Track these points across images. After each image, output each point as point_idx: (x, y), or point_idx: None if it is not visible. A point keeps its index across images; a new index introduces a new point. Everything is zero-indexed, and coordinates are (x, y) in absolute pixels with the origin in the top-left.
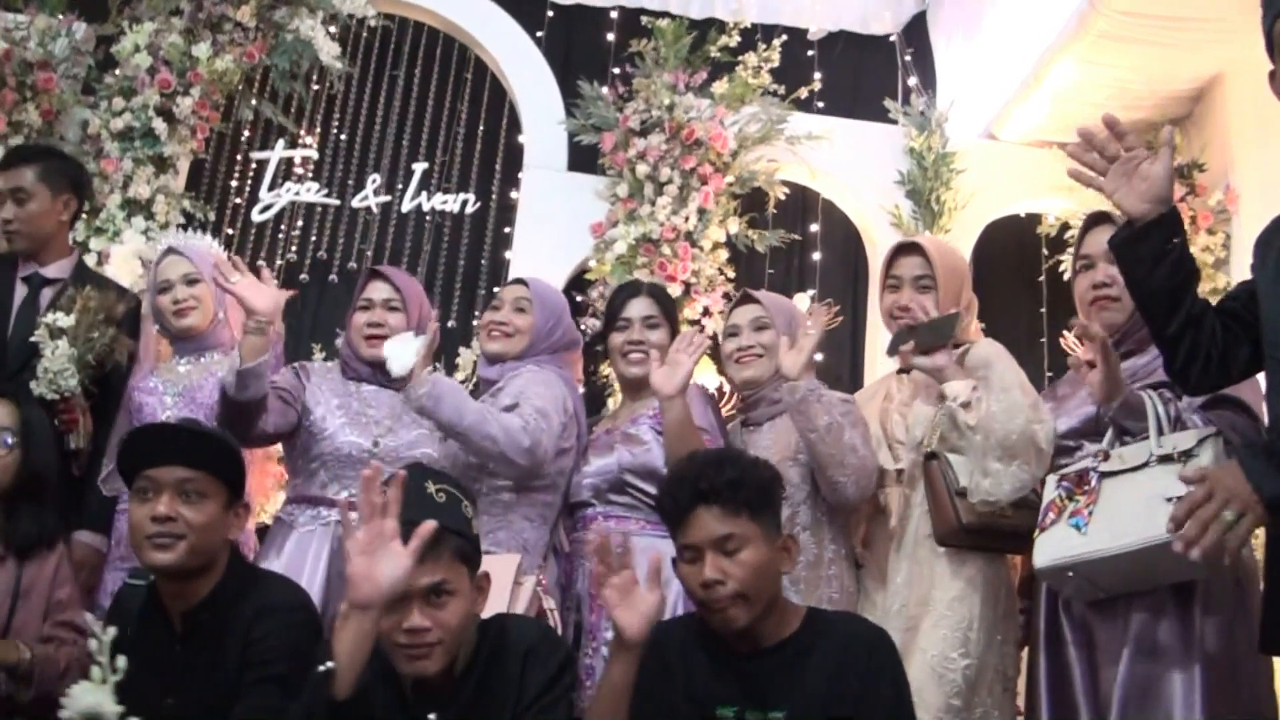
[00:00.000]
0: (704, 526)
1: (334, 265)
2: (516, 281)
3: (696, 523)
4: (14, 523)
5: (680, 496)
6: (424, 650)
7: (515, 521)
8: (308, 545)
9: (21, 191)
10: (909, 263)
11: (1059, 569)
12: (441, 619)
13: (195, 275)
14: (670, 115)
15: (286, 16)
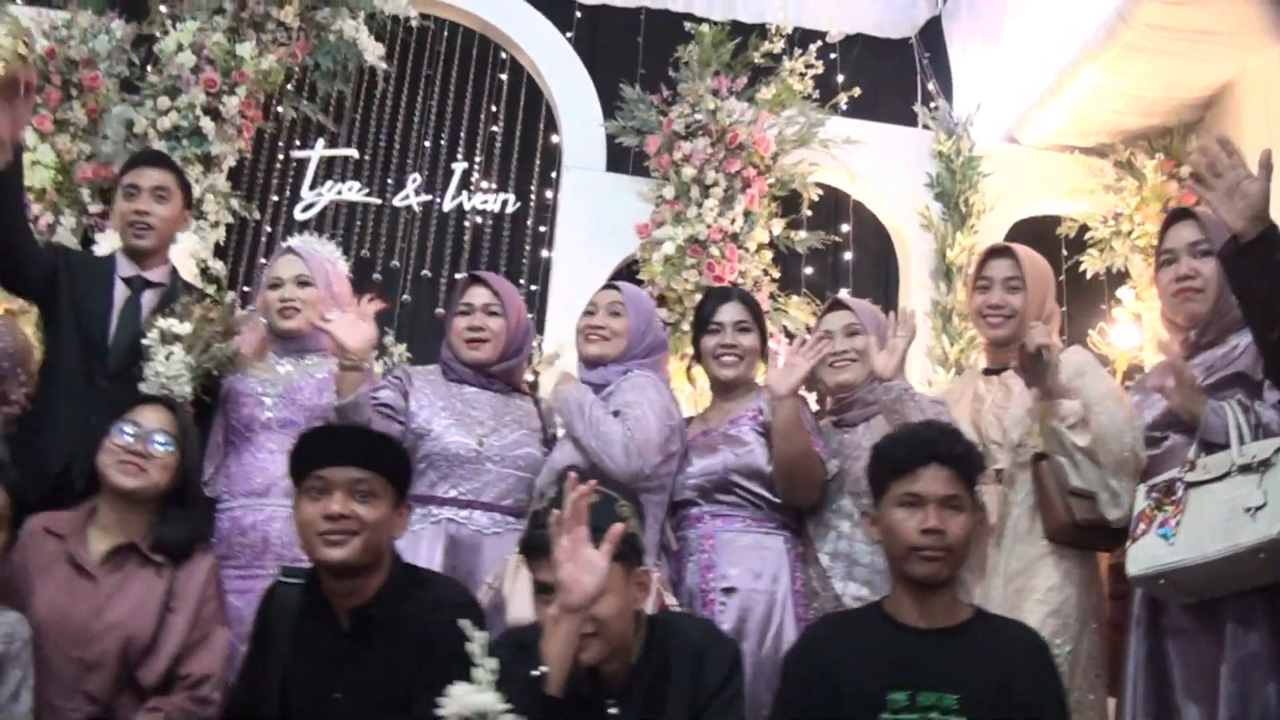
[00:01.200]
0: (935, 481)
1: (376, 264)
2: (609, 286)
3: (927, 475)
4: (167, 527)
5: (916, 449)
6: (582, 643)
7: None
8: (418, 542)
9: (164, 190)
10: (1000, 265)
11: (1150, 577)
12: (595, 612)
13: (307, 278)
14: (714, 119)
15: (329, 16)
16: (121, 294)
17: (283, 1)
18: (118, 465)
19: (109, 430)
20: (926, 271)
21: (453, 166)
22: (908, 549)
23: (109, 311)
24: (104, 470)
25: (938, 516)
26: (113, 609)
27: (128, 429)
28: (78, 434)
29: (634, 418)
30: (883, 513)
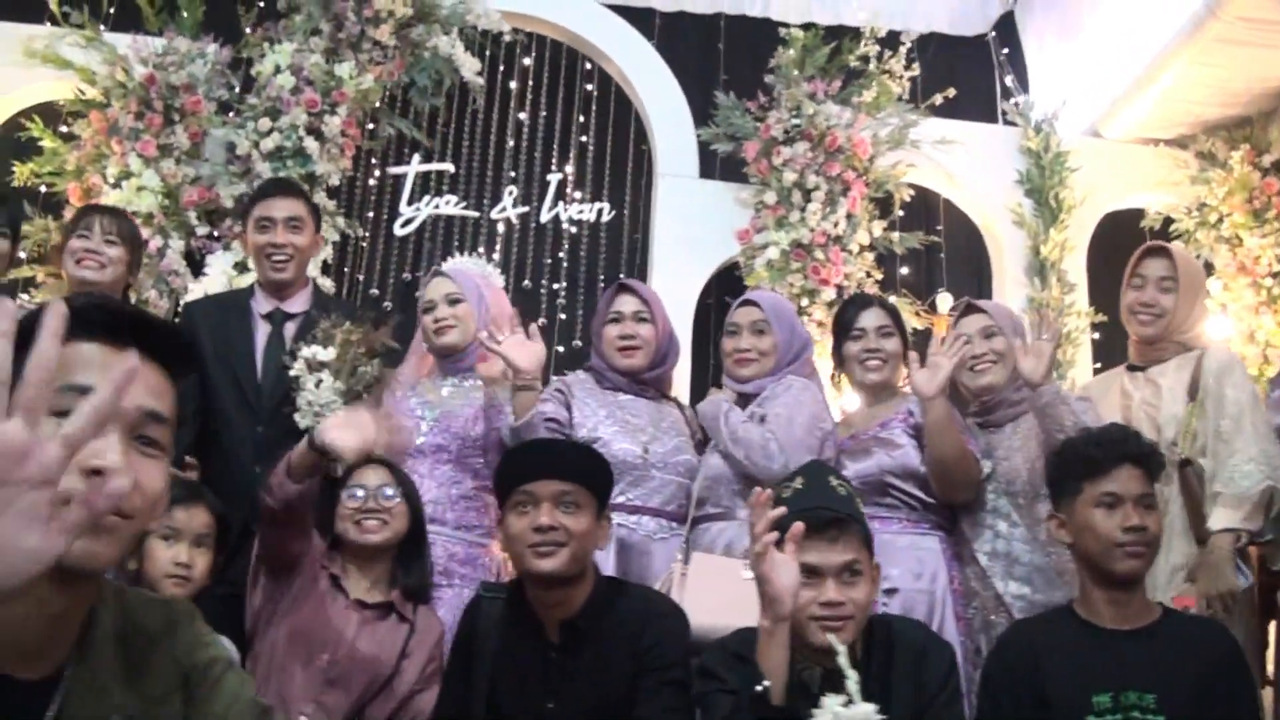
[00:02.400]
0: (1130, 480)
1: None
2: (746, 303)
3: (1122, 475)
4: (409, 575)
5: (1110, 449)
6: (841, 623)
7: None
8: None
9: (297, 220)
10: (1156, 264)
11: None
12: (853, 595)
13: (458, 295)
14: (813, 124)
15: (424, 34)
16: (263, 331)
17: (379, 21)
18: (357, 526)
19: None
20: (1020, 268)
21: (548, 178)
22: (1111, 546)
23: (254, 350)
24: (346, 533)
25: (1138, 514)
26: (363, 643)
27: (358, 492)
28: (245, 481)
29: (774, 416)
30: (1075, 513)
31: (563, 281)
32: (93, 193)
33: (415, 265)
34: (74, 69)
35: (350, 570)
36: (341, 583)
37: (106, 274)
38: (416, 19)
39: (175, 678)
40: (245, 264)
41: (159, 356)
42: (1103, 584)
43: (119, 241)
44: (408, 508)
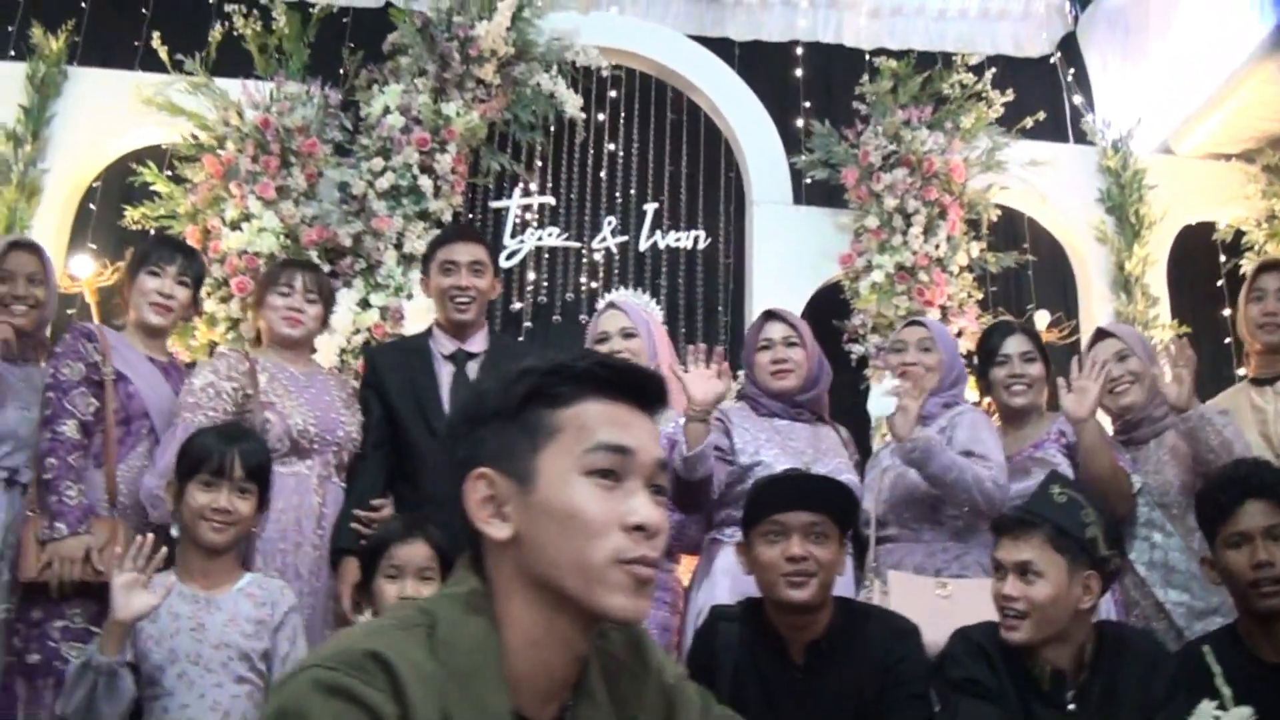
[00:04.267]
0: (1255, 514)
1: (581, 306)
2: (914, 323)
3: (1247, 512)
4: None
5: (1229, 489)
6: (1014, 622)
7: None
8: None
9: (479, 264)
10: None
11: None
12: (1029, 593)
13: (631, 329)
14: (910, 150)
15: (526, 72)
16: (447, 371)
17: (483, 60)
18: None
19: None
20: (1105, 284)
21: (644, 207)
22: (1245, 586)
23: (439, 390)
24: None
25: (1265, 549)
26: None
27: None
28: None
29: (984, 454)
30: (1218, 557)
31: (663, 307)
32: (211, 235)
33: (521, 295)
34: (186, 115)
35: None
36: None
37: (302, 330)
38: (517, 57)
39: (662, 703)
40: (367, 300)
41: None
42: (1254, 620)
43: (319, 299)
44: None
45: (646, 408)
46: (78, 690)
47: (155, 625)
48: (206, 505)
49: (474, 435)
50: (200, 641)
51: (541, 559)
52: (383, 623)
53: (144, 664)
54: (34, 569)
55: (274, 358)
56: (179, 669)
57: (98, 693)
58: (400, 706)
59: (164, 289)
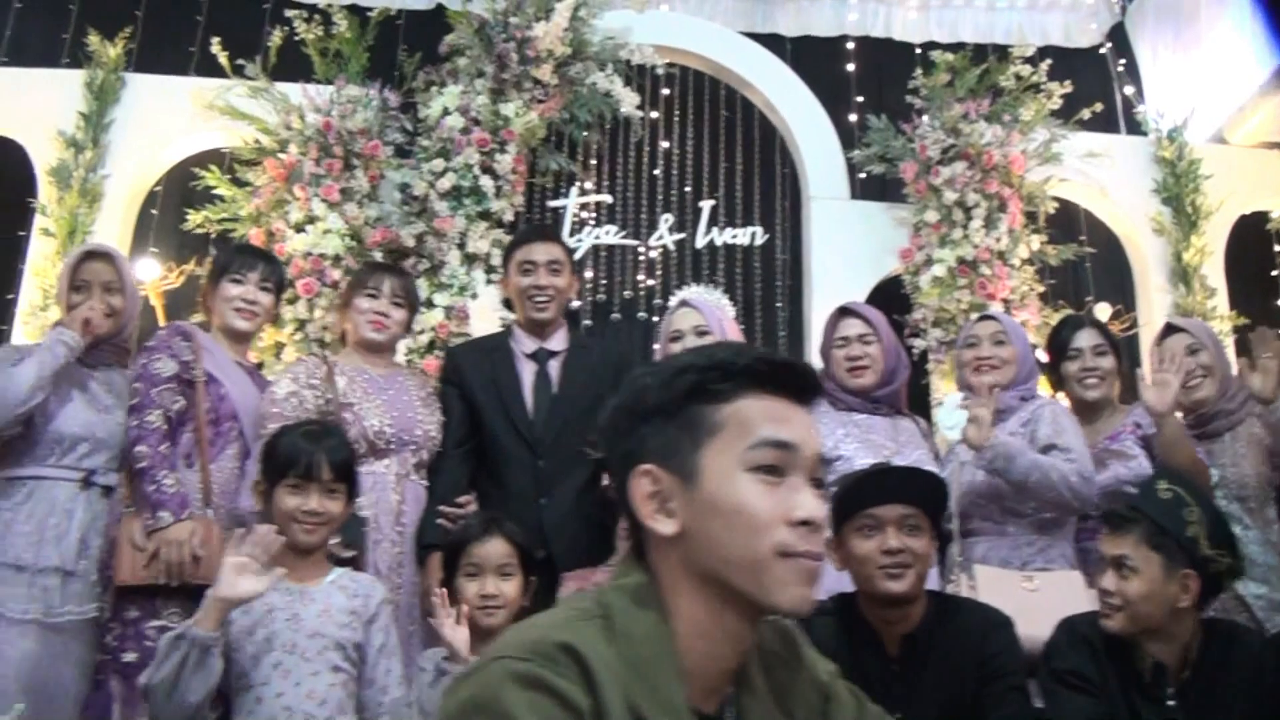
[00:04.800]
0: None
1: (639, 303)
2: (986, 317)
3: None
4: None
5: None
6: (1110, 613)
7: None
8: None
9: (557, 263)
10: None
11: None
12: (1123, 588)
13: (705, 328)
14: (969, 143)
15: (582, 72)
16: (529, 369)
17: (540, 60)
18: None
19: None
20: (1163, 275)
21: (700, 204)
22: None
23: (521, 389)
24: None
25: None
26: None
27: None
28: (531, 514)
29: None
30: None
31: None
32: (276, 237)
33: (579, 293)
34: (249, 119)
35: None
36: None
37: (387, 335)
38: (573, 57)
39: (818, 699)
40: (431, 300)
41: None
42: None
43: (404, 303)
44: None
45: (804, 401)
46: (168, 661)
47: (248, 616)
48: (297, 508)
49: (635, 432)
50: (296, 631)
51: (709, 554)
52: (563, 614)
53: (236, 655)
54: (129, 571)
55: (355, 360)
56: (275, 658)
57: (187, 666)
58: (592, 698)
59: (247, 295)
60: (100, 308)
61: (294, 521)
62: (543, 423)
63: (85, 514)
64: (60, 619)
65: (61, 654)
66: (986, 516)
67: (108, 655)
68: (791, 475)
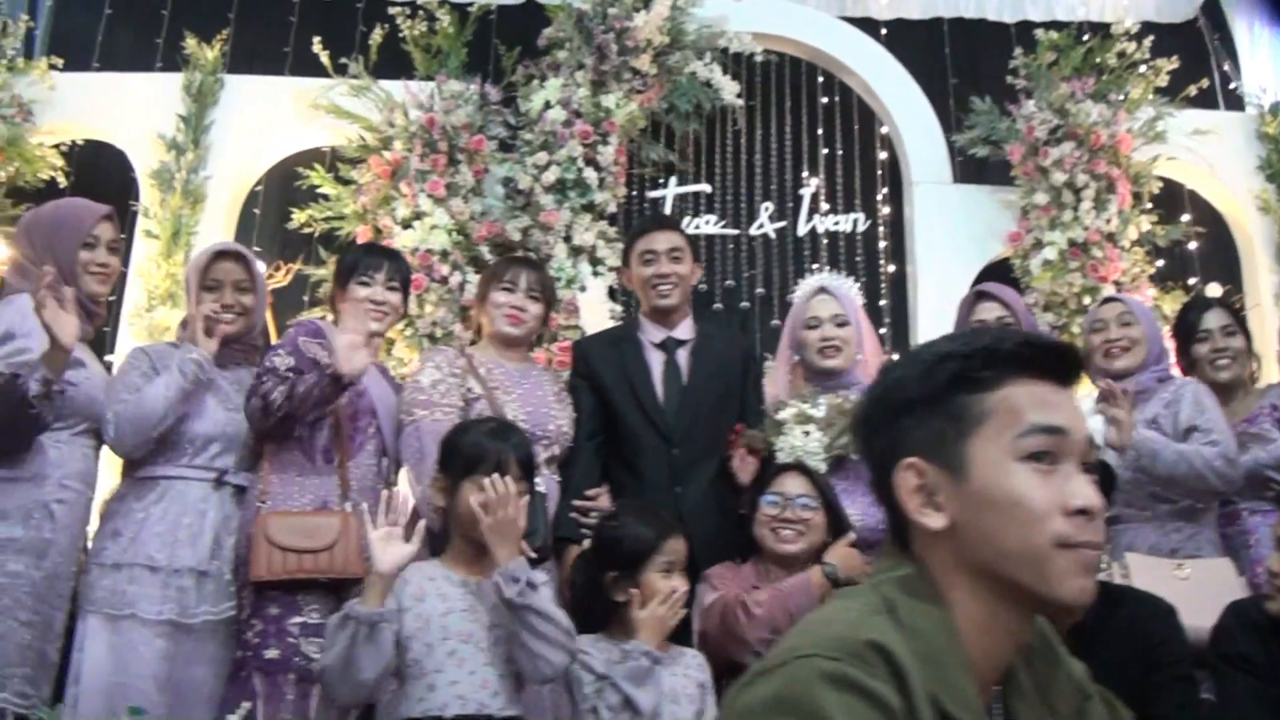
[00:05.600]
0: None
1: (742, 293)
2: (1110, 299)
3: None
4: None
5: None
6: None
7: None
8: None
9: (678, 251)
10: None
11: None
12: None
13: (845, 318)
14: (1077, 123)
15: (681, 61)
16: (658, 359)
17: (639, 50)
18: (772, 534)
19: (758, 503)
20: (1269, 255)
21: (800, 192)
22: None
23: (651, 379)
24: (762, 539)
25: None
26: None
27: (774, 498)
28: (667, 504)
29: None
30: None
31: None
32: (383, 234)
33: None
34: (353, 117)
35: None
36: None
37: (524, 329)
38: (672, 46)
39: (1077, 697)
40: None
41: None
42: None
43: (541, 297)
44: (827, 518)
45: (1067, 384)
46: (338, 641)
47: (423, 604)
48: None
49: (895, 425)
50: (474, 622)
51: (984, 548)
52: (853, 607)
53: (410, 643)
54: (265, 567)
55: (491, 353)
56: (450, 646)
57: (357, 644)
58: (903, 697)
59: (376, 296)
60: (220, 307)
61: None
62: (674, 412)
63: (218, 514)
64: (195, 620)
65: (196, 654)
66: (1130, 503)
67: (249, 652)
68: (1063, 462)
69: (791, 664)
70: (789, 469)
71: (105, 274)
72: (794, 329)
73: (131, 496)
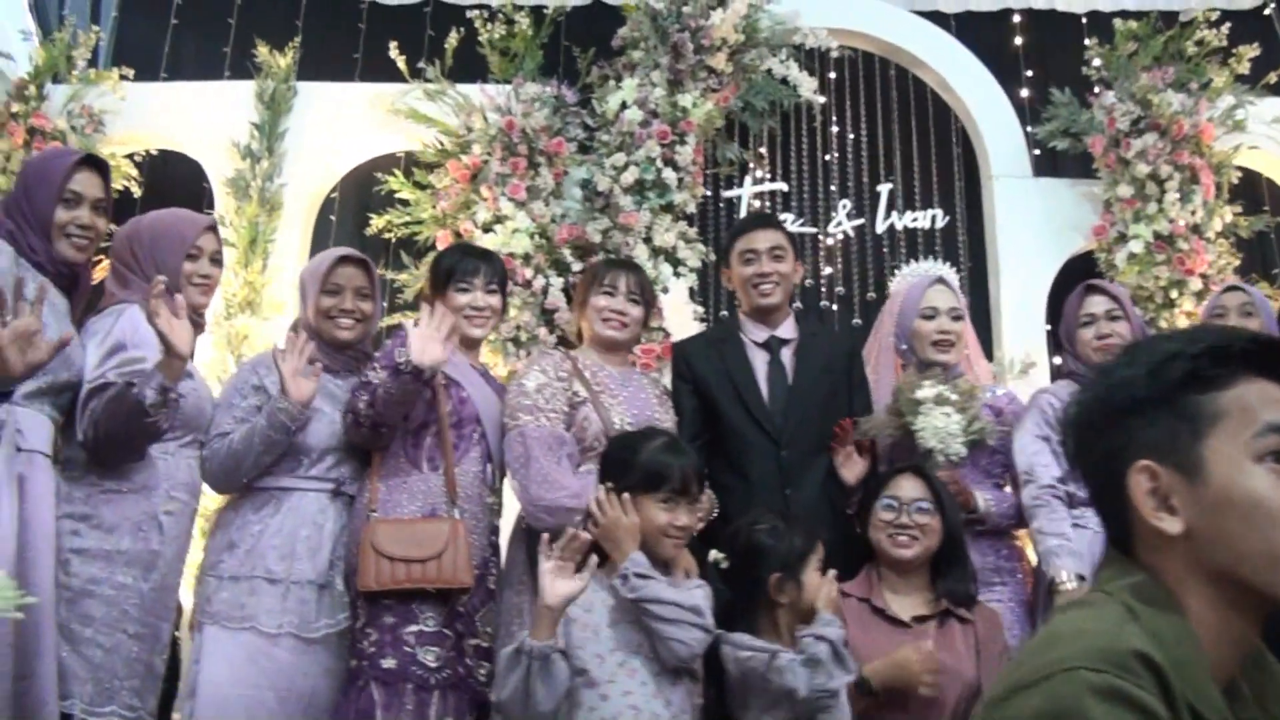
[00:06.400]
0: None
1: (820, 291)
2: (1233, 288)
3: None
4: (953, 582)
5: None
6: None
7: None
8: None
9: (779, 249)
10: None
11: None
12: None
13: (960, 311)
14: (1159, 113)
15: (756, 58)
16: (761, 358)
17: (714, 49)
18: (889, 540)
19: (870, 506)
20: None
21: (878, 189)
22: None
23: (756, 379)
24: (878, 544)
25: None
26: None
27: (889, 502)
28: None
29: None
30: None
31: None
32: (463, 238)
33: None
34: (432, 122)
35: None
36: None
37: (626, 333)
38: (748, 44)
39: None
40: None
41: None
42: None
43: (641, 300)
44: (942, 521)
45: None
46: (511, 676)
47: (591, 614)
48: (669, 523)
49: (1120, 426)
50: (642, 632)
51: (1223, 551)
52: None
53: (579, 653)
54: (373, 577)
55: (594, 356)
56: (620, 657)
57: (532, 677)
58: (1169, 707)
59: (476, 301)
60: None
61: (665, 536)
62: (781, 412)
63: (335, 525)
64: (316, 633)
65: (314, 665)
66: None
67: (364, 662)
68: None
69: (1055, 677)
70: (903, 471)
71: (208, 285)
72: (905, 318)
73: (248, 508)
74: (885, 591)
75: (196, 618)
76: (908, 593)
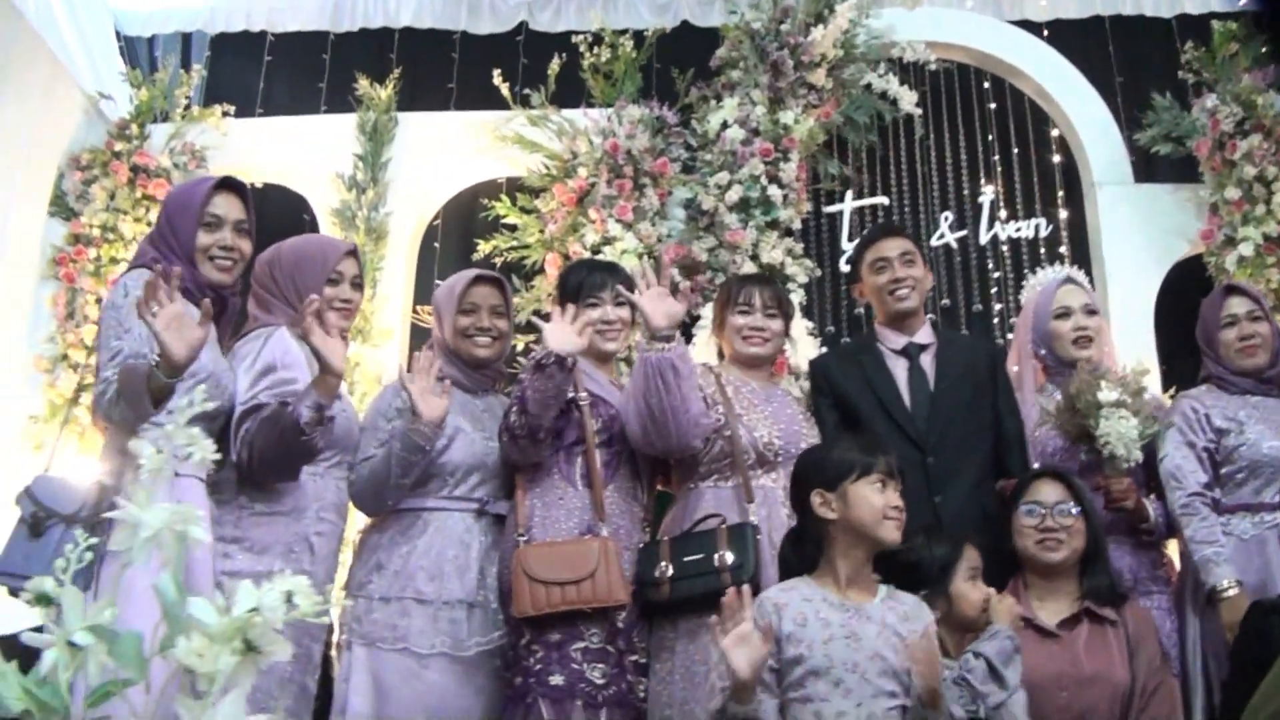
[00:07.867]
0: None
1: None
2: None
3: None
4: (1097, 580)
5: None
6: None
7: None
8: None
9: (910, 254)
10: None
11: None
12: None
13: (1094, 306)
14: (1264, 114)
15: (855, 73)
16: (901, 366)
17: (814, 65)
18: (1035, 545)
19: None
20: None
21: (979, 200)
22: None
23: (897, 387)
24: (1024, 550)
25: None
26: (1091, 662)
27: (1031, 507)
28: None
29: None
30: None
31: (1011, 300)
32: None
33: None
34: (537, 147)
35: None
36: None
37: (767, 348)
38: (846, 59)
39: None
40: None
41: None
42: None
43: (778, 313)
44: (1086, 523)
45: None
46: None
47: (805, 629)
48: (886, 505)
49: None
50: (856, 650)
51: None
52: None
53: (795, 667)
54: (528, 603)
55: (736, 372)
56: (835, 676)
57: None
58: None
59: (606, 315)
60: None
61: (885, 519)
62: (925, 418)
63: (481, 544)
64: (469, 652)
65: (467, 684)
66: None
67: (531, 679)
68: None
69: None
70: (1042, 475)
71: (349, 309)
72: (1040, 321)
73: (394, 529)
74: (1033, 600)
75: (344, 637)
76: (1055, 599)
